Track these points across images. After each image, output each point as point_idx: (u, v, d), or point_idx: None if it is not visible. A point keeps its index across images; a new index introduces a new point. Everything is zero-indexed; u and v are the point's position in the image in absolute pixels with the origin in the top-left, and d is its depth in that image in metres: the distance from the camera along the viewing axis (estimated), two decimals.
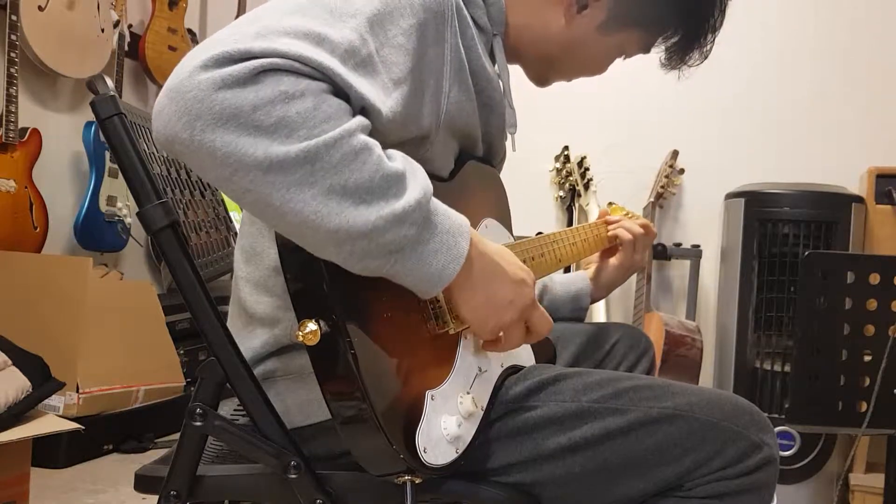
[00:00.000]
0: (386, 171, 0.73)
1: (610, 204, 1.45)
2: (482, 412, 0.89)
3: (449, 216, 0.79)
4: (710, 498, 0.87)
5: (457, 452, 0.84)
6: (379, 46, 0.79)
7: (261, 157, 0.68)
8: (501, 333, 0.87)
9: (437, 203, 0.78)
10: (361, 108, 0.75)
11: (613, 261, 1.34)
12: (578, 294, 1.34)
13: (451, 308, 0.86)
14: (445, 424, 0.83)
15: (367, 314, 0.79)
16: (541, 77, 1.14)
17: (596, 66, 1.11)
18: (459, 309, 0.83)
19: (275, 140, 0.68)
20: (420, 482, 0.82)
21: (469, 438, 0.86)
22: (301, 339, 0.77)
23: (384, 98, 0.78)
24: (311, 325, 0.77)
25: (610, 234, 1.33)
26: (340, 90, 0.73)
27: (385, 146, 0.77)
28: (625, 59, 1.13)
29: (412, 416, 0.80)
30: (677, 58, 1.11)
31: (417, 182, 0.76)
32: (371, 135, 0.75)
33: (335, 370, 0.78)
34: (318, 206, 0.70)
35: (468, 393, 0.87)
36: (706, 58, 1.13)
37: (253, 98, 0.67)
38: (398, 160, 0.76)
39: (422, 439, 0.80)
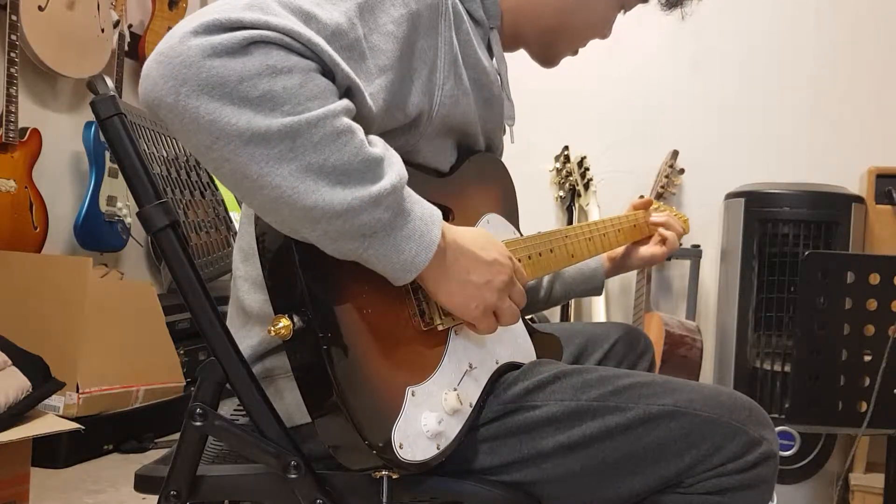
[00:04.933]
0: (365, 155, 0.74)
1: (641, 197, 1.42)
2: (470, 409, 0.89)
3: (422, 204, 0.80)
4: (710, 494, 0.87)
5: (438, 448, 0.84)
6: (368, 32, 0.79)
7: (243, 128, 0.68)
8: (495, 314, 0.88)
9: (410, 191, 0.79)
10: (347, 87, 0.76)
11: (644, 251, 1.33)
12: (594, 274, 1.34)
13: (440, 309, 0.87)
14: (426, 420, 0.83)
15: (344, 310, 0.80)
16: (546, 55, 1.13)
17: (597, 26, 1.10)
18: (437, 297, 0.85)
19: (258, 112, 0.69)
20: (398, 477, 0.83)
21: (453, 435, 0.86)
22: (274, 333, 0.78)
23: (366, 83, 0.79)
24: (284, 321, 0.78)
25: (668, 236, 1.32)
26: (328, 69, 0.74)
27: (368, 133, 0.78)
28: (625, 13, 1.13)
29: (389, 411, 0.81)
30: None
31: (394, 168, 0.77)
32: (355, 119, 0.76)
33: (308, 365, 0.79)
34: (295, 182, 0.71)
35: (454, 389, 0.87)
36: None
37: (240, 69, 0.68)
38: (378, 146, 0.77)
39: (398, 435, 0.80)
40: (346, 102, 0.74)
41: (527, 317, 1.10)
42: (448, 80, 0.91)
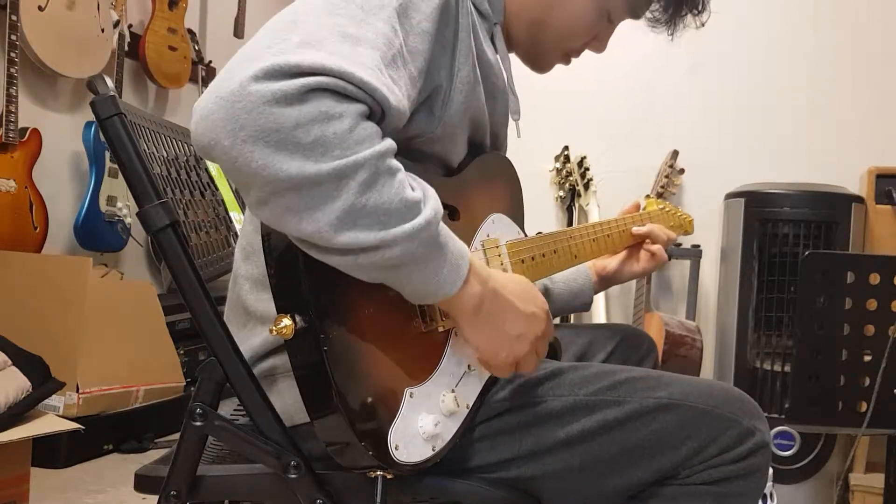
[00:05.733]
0: (405, 197, 0.75)
1: (647, 197, 1.39)
2: (466, 411, 0.89)
3: (453, 240, 0.81)
4: (706, 484, 0.88)
5: (433, 450, 0.84)
6: (405, 36, 0.81)
7: (294, 174, 0.70)
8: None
9: (443, 226, 0.80)
10: (392, 114, 0.77)
11: (635, 267, 1.30)
12: (581, 290, 1.33)
13: (442, 310, 0.87)
14: (422, 422, 0.83)
15: (345, 310, 0.80)
16: (534, 54, 1.12)
17: (582, 28, 1.09)
18: (467, 339, 0.85)
19: (309, 158, 0.70)
20: (395, 477, 0.83)
21: (449, 437, 0.86)
22: (276, 332, 0.79)
23: (411, 91, 0.81)
24: (286, 321, 0.79)
25: (654, 250, 1.28)
26: (376, 106, 0.75)
27: (398, 129, 0.80)
28: (611, 22, 1.12)
29: (387, 412, 0.81)
30: (668, 15, 1.12)
31: (430, 205, 0.78)
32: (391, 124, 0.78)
33: (309, 364, 0.80)
34: (335, 221, 0.72)
35: (452, 391, 0.87)
36: (703, 24, 1.13)
37: (297, 116, 0.69)
38: (417, 186, 0.78)
39: (395, 436, 0.81)
40: (389, 143, 0.75)
41: None
42: (464, 66, 0.92)
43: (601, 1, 1.07)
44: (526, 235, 1.11)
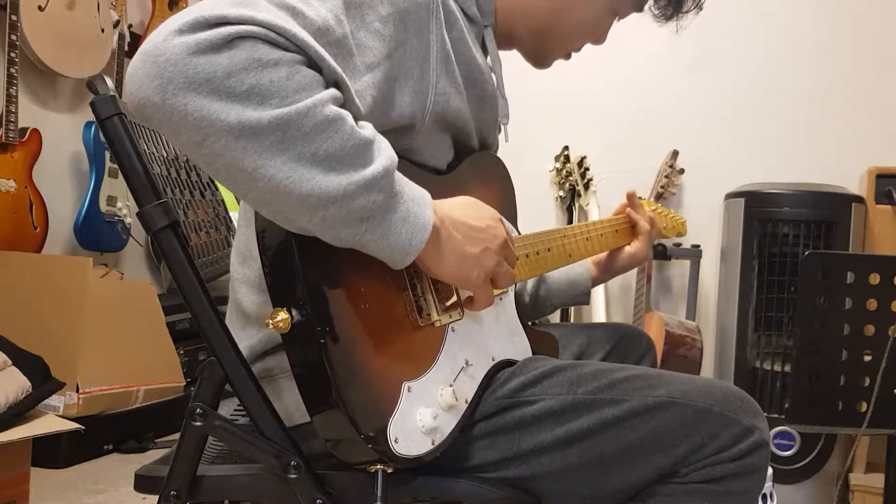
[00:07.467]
0: (356, 140, 0.74)
1: (640, 199, 1.42)
2: (465, 405, 0.89)
3: (410, 186, 0.81)
4: (705, 482, 0.88)
5: (433, 444, 0.84)
6: (354, 30, 0.80)
7: (233, 122, 0.68)
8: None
9: (399, 174, 0.79)
10: (334, 82, 0.76)
11: (629, 248, 1.33)
12: (577, 279, 1.33)
13: (437, 298, 0.88)
14: (421, 416, 0.83)
15: (342, 304, 0.80)
16: (537, 55, 1.13)
17: (588, 29, 1.10)
18: (438, 275, 0.85)
19: (247, 106, 0.69)
20: (395, 475, 0.83)
21: (448, 431, 0.86)
22: (272, 326, 0.78)
23: (353, 80, 0.79)
24: (283, 314, 0.78)
25: (639, 224, 1.32)
26: (314, 63, 0.74)
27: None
28: (619, 20, 1.13)
29: (386, 406, 0.81)
30: (673, 7, 1.12)
31: (384, 151, 0.77)
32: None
33: (306, 358, 0.80)
34: (290, 172, 0.71)
35: (450, 385, 0.87)
36: (700, 8, 1.14)
37: (227, 64, 0.68)
38: (367, 129, 0.78)
39: (394, 429, 0.81)
40: (333, 91, 0.75)
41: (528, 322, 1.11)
42: (441, 77, 0.91)
43: (610, 1, 1.08)
44: (519, 233, 1.11)
